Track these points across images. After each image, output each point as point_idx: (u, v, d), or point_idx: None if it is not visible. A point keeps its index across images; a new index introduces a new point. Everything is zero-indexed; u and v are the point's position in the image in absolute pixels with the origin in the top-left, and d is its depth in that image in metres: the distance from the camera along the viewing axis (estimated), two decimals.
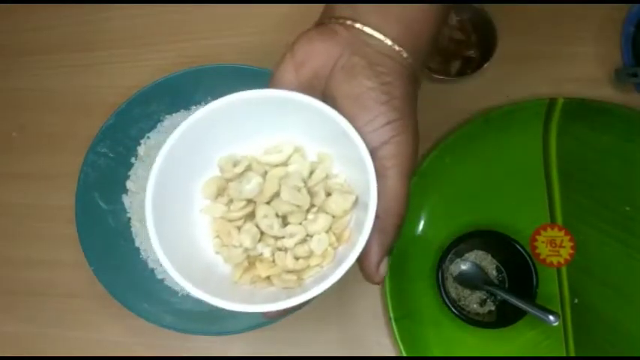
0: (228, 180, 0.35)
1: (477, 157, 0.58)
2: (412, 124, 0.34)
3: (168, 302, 0.55)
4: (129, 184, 0.58)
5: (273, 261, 0.34)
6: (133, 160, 0.59)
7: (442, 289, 0.53)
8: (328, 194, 0.35)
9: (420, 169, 0.56)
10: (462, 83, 0.60)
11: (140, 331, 0.57)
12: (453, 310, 0.52)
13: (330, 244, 0.34)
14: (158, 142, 0.59)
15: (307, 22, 0.38)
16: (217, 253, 0.35)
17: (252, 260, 0.34)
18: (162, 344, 0.57)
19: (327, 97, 0.34)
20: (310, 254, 0.34)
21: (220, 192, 0.35)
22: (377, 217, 0.31)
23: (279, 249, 0.34)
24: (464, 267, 0.55)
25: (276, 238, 0.34)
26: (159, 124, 0.59)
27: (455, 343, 0.54)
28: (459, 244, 0.54)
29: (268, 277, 0.33)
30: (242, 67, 0.55)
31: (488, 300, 0.55)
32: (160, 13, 0.66)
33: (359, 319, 0.56)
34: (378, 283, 0.34)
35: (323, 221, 0.33)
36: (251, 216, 0.35)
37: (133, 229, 0.58)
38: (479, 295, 0.55)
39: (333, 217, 0.34)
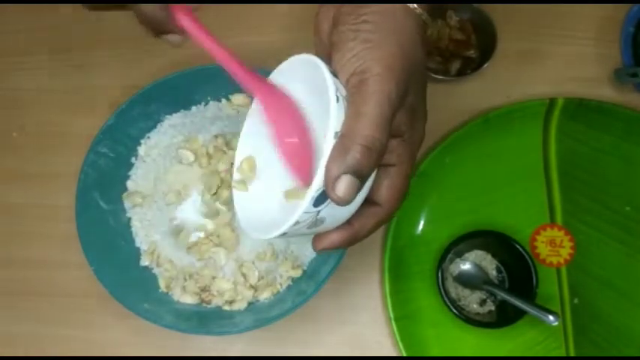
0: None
1: (477, 157, 0.58)
2: (385, 52, 0.34)
3: (168, 302, 0.55)
4: (129, 184, 0.58)
5: None
6: (133, 160, 0.59)
7: (442, 289, 0.53)
8: None
9: (420, 169, 0.57)
10: (462, 83, 0.60)
11: (140, 331, 0.57)
12: (453, 310, 0.52)
13: None
14: (158, 142, 0.59)
15: (308, 22, 0.38)
16: None
17: None
18: (162, 344, 0.57)
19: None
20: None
21: None
22: (342, 136, 0.33)
23: None
24: (464, 267, 0.55)
25: None
26: (159, 124, 0.59)
27: (455, 343, 0.54)
28: (459, 244, 0.54)
29: None
30: None
31: (488, 300, 0.55)
32: None
33: (359, 319, 0.56)
34: (336, 202, 0.33)
35: None
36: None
37: (133, 229, 0.57)
38: (479, 295, 0.55)
39: None
